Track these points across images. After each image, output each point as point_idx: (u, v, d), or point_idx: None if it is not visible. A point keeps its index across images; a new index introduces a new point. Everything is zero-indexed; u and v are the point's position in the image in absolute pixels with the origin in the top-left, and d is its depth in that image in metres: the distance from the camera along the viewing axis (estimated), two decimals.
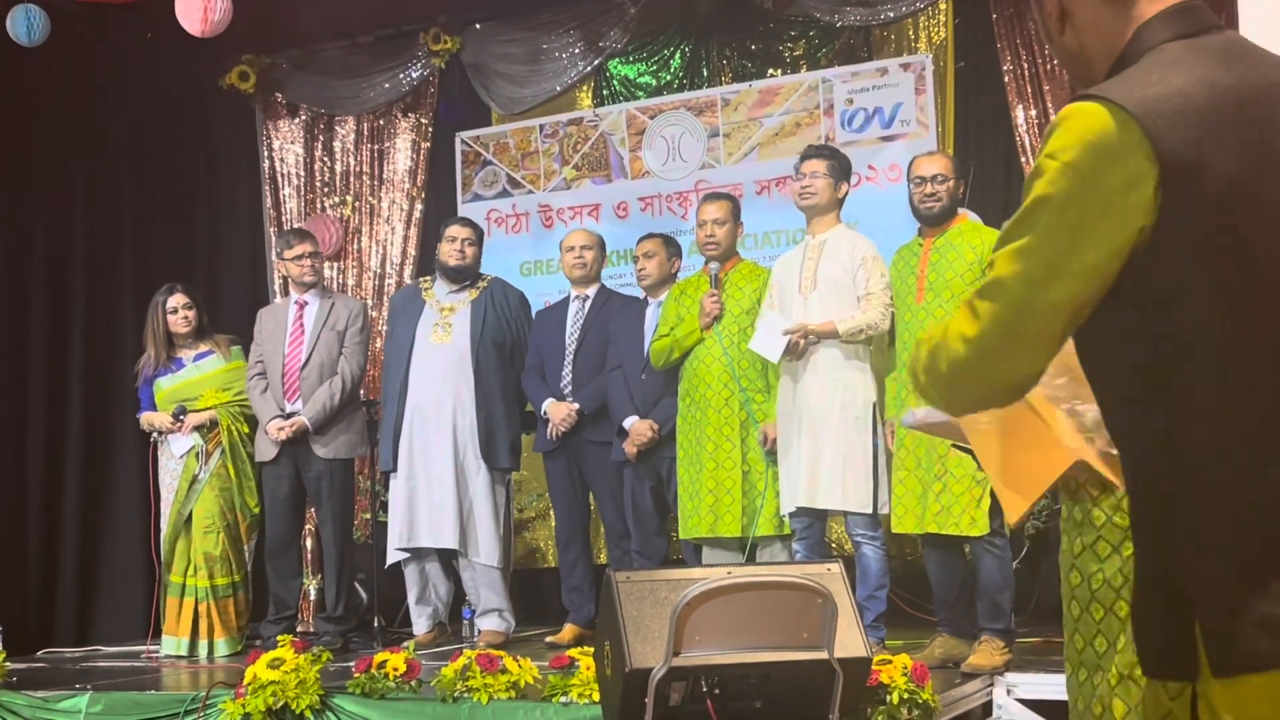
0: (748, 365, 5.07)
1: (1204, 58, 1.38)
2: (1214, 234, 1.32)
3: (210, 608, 5.83)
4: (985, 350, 1.40)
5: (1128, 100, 1.33)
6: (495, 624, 5.66)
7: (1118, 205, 1.32)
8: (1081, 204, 1.33)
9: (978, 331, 1.40)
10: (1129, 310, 1.37)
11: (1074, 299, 1.35)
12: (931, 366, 1.46)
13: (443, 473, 5.59)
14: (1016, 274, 1.37)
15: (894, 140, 6.50)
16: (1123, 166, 1.32)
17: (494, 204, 7.46)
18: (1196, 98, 1.33)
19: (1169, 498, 1.38)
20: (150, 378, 6.02)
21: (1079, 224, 1.33)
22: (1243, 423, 1.34)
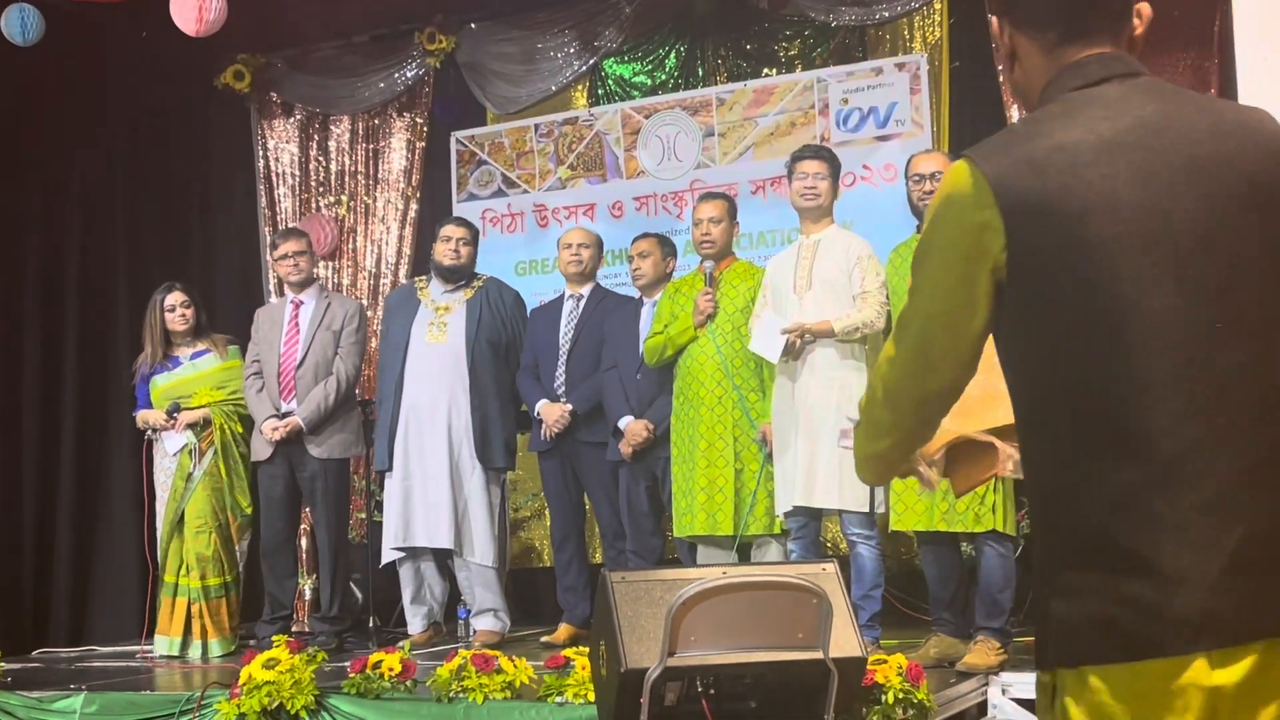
0: (741, 364, 5.06)
1: (1089, 110, 1.56)
2: (1055, 274, 1.51)
3: (203, 608, 5.82)
4: (905, 371, 1.66)
5: (984, 156, 1.56)
6: (490, 624, 5.65)
7: (971, 247, 1.55)
8: (945, 247, 1.58)
9: (897, 355, 1.67)
10: (1006, 336, 1.59)
11: (960, 328, 1.59)
12: (871, 394, 1.73)
13: (438, 472, 5.59)
14: (913, 309, 1.64)
15: (889, 140, 6.50)
16: (972, 215, 1.54)
17: (489, 203, 7.45)
18: (1058, 153, 1.52)
19: (1034, 501, 1.59)
20: (147, 375, 6.02)
21: (946, 265, 1.58)
22: (1080, 433, 1.51)
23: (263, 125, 7.80)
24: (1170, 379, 1.48)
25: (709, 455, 5.03)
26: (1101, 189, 1.50)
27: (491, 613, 5.67)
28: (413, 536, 5.62)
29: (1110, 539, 1.49)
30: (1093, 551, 1.50)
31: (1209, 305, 1.49)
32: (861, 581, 4.71)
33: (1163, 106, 1.56)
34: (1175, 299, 1.49)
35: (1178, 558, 1.46)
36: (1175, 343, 1.48)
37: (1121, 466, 1.48)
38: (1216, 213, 1.50)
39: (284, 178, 7.74)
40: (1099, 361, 1.50)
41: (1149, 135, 1.53)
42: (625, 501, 5.48)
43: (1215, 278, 1.49)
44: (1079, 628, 1.50)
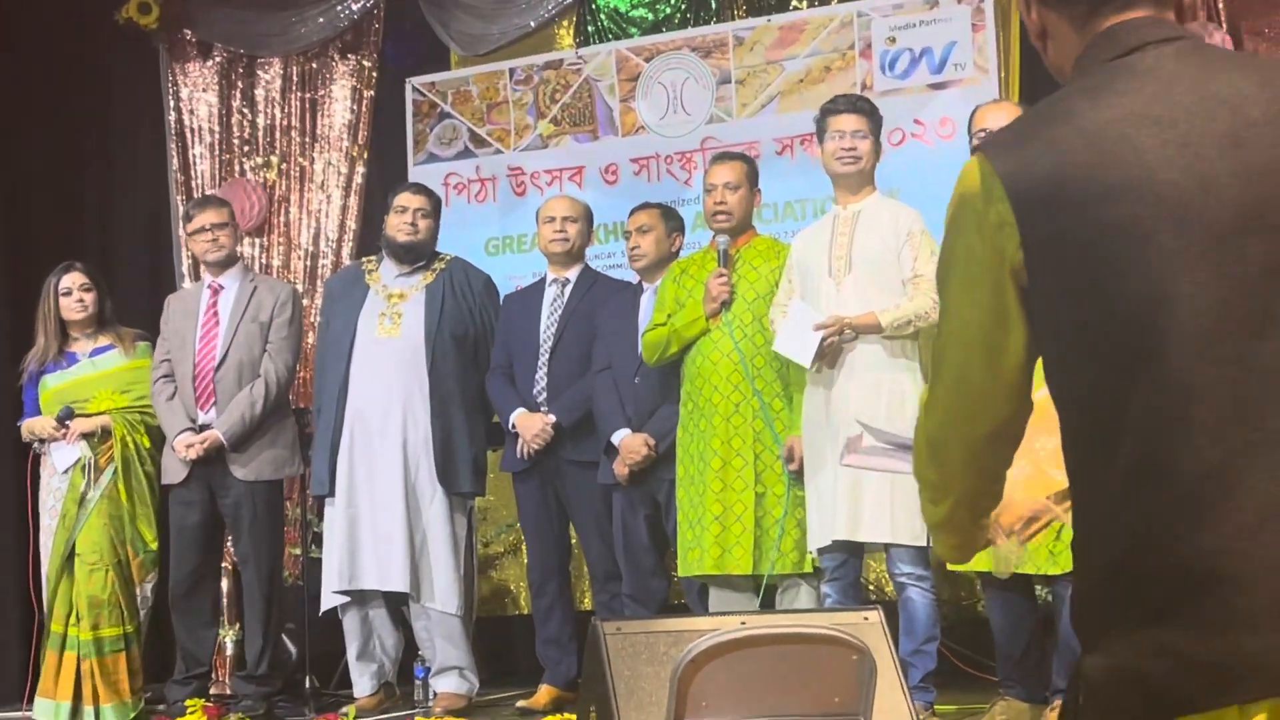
0: (764, 363, 5.07)
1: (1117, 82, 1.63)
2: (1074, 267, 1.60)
3: (94, 666, 5.80)
4: (947, 415, 1.76)
5: (996, 146, 1.67)
6: (454, 685, 5.67)
7: (990, 252, 1.65)
8: (965, 258, 1.68)
9: (933, 397, 1.77)
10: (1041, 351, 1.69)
11: (997, 350, 1.69)
12: (916, 453, 1.84)
13: (390, 499, 5.60)
14: (943, 339, 1.74)
15: (946, 88, 6.51)
16: (986, 215, 1.64)
17: (453, 166, 7.46)
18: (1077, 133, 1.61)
19: (1074, 541, 1.69)
20: (36, 374, 6.02)
21: (968, 278, 1.68)
22: (1110, 453, 1.58)
23: (174, 70, 7.80)
24: (1208, 379, 1.52)
25: (724, 476, 5.04)
26: (1126, 166, 1.56)
27: (456, 671, 5.68)
28: (359, 578, 5.62)
29: (1142, 577, 1.54)
30: (1124, 594, 1.55)
31: (1257, 290, 1.53)
32: (913, 633, 4.72)
33: (1204, 72, 1.61)
34: (1215, 285, 1.53)
35: (1214, 593, 1.49)
36: (1213, 336, 1.52)
37: (1154, 489, 1.53)
38: (1266, 187, 1.54)
39: (200, 134, 7.74)
40: (1125, 362, 1.56)
41: (1185, 103, 1.58)
42: (620, 534, 5.49)
43: (1263, 259, 1.53)
44: (1105, 686, 1.55)
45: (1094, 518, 1.62)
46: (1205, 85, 1.60)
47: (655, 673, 3.18)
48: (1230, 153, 1.55)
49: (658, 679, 3.17)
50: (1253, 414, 1.52)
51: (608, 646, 3.23)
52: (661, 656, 3.21)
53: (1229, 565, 1.49)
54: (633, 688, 3.18)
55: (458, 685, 5.67)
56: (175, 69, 7.80)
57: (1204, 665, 1.49)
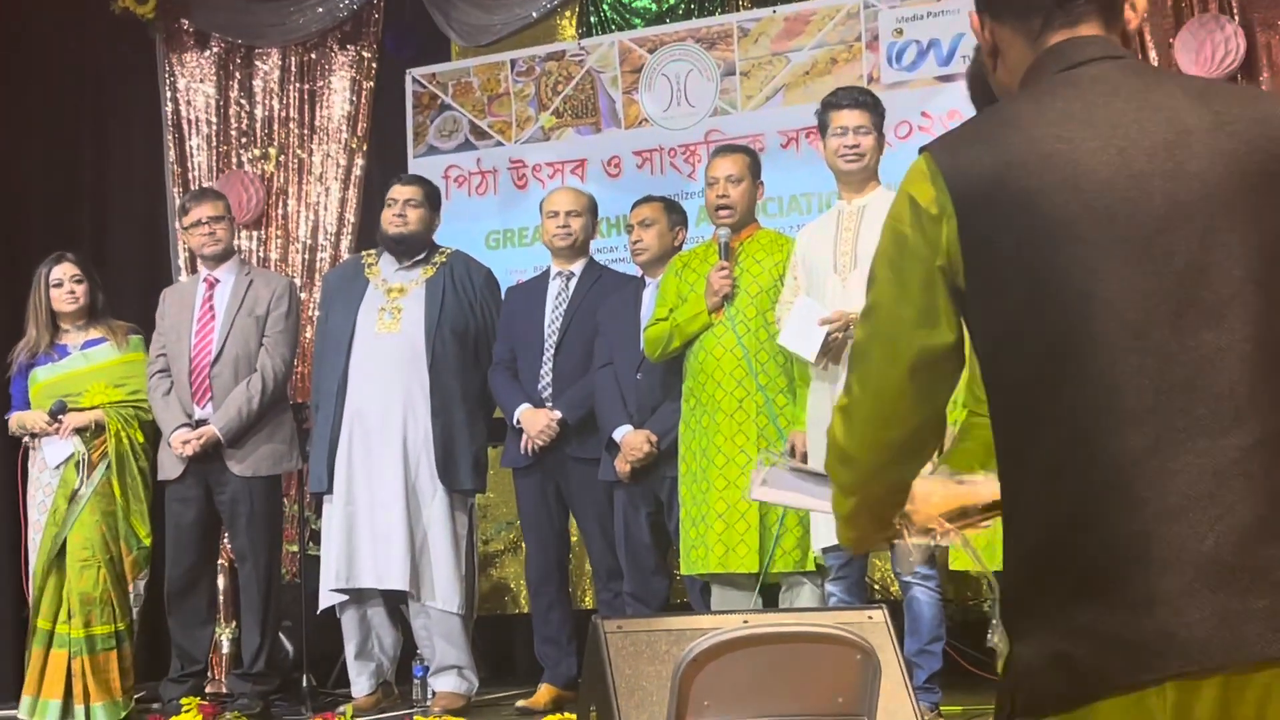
0: (767, 358, 5.07)
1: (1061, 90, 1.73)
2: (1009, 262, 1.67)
3: (86, 664, 5.79)
4: (862, 414, 1.82)
5: (941, 146, 1.75)
6: (453, 684, 5.67)
7: (924, 247, 1.72)
8: (897, 252, 1.75)
9: (852, 395, 1.82)
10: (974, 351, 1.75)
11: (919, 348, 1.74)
12: (830, 446, 1.88)
13: (389, 496, 5.60)
14: (865, 335, 1.80)
15: (953, 81, 6.49)
16: (925, 210, 1.71)
17: (454, 158, 7.46)
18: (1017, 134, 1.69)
19: (1004, 533, 1.75)
20: (26, 367, 6.02)
21: (897, 272, 1.74)
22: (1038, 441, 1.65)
23: (171, 59, 7.80)
24: (1132, 369, 1.60)
25: (727, 474, 5.04)
26: (1063, 167, 1.65)
27: (455, 670, 5.68)
28: (358, 576, 5.63)
29: (1067, 559, 1.61)
30: (1049, 577, 1.63)
31: (1181, 284, 1.61)
32: (918, 633, 4.72)
33: (1145, 85, 1.71)
34: (1141, 280, 1.62)
35: (1136, 574, 1.57)
36: (1139, 329, 1.61)
37: (1081, 474, 1.61)
38: (1196, 188, 1.63)
39: (197, 125, 7.74)
40: (1055, 354, 1.64)
41: (1125, 110, 1.68)
42: (622, 532, 5.49)
43: (1189, 254, 1.62)
44: (1037, 671, 1.62)
45: (1021, 505, 1.69)
46: (1145, 96, 1.69)
47: (656, 671, 3.19)
48: (1164, 156, 1.65)
49: (659, 678, 3.17)
50: (1178, 403, 1.59)
51: (608, 645, 3.24)
52: (663, 655, 3.21)
53: (1152, 548, 1.57)
54: (634, 686, 3.18)
55: (456, 684, 5.67)
56: (172, 59, 7.80)
57: (1125, 644, 1.56)
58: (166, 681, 5.98)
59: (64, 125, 7.79)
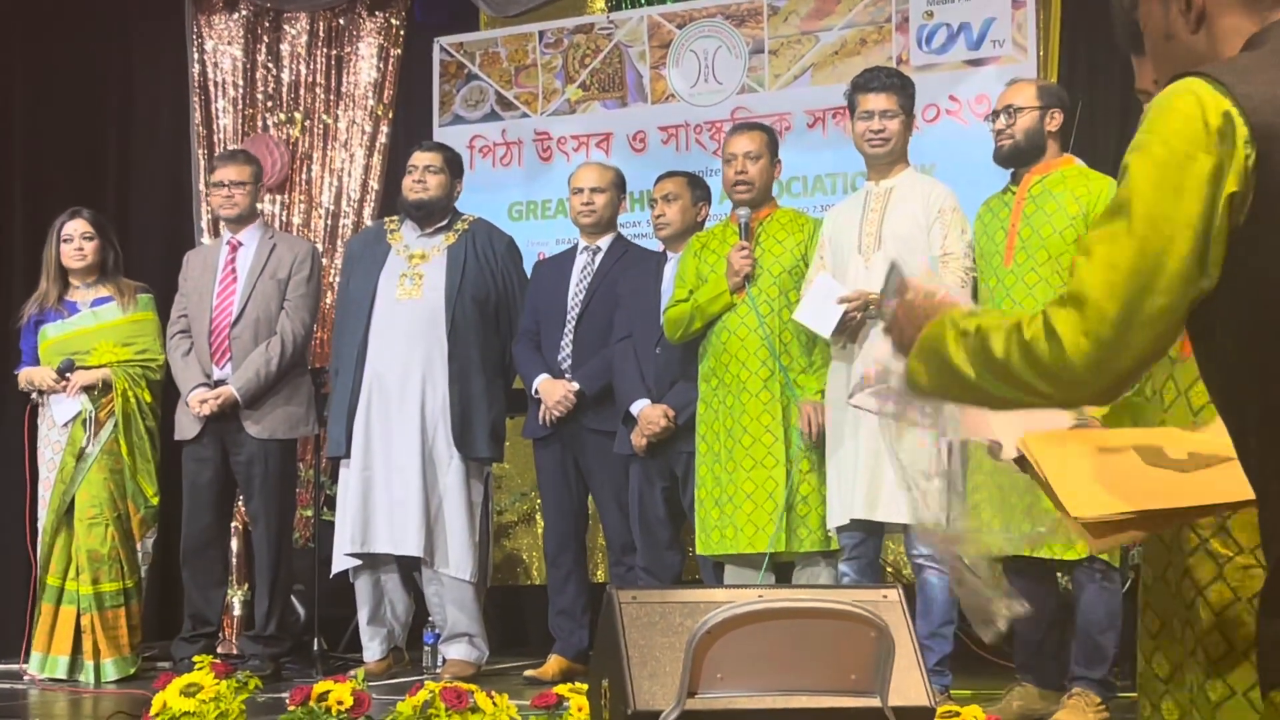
0: (790, 338, 5.06)
1: None
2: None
3: (95, 620, 5.83)
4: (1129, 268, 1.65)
5: (1223, 73, 1.65)
6: (464, 652, 5.69)
7: (1208, 175, 1.62)
8: (1176, 173, 1.64)
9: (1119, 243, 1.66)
10: (1235, 295, 1.65)
11: (1180, 270, 1.64)
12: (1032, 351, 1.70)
13: (406, 462, 5.61)
14: (1126, 245, 1.66)
15: (983, 65, 6.48)
16: (1226, 132, 1.62)
17: (479, 129, 7.46)
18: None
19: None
20: (37, 321, 6.03)
21: (1176, 189, 1.63)
22: None
23: (199, 21, 7.80)
24: None
25: (754, 454, 5.03)
26: None
27: (466, 638, 5.70)
28: (372, 541, 5.64)
29: None
30: None
31: None
32: (930, 616, 4.72)
33: None
34: None
35: None
36: None
37: None
38: None
39: (224, 88, 7.75)
40: None
41: None
42: (636, 506, 5.50)
43: None
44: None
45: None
46: None
47: (670, 643, 3.18)
48: None
49: (672, 649, 3.17)
50: None
51: (623, 615, 3.23)
52: (677, 627, 3.21)
53: None
54: (646, 657, 3.18)
55: (467, 653, 5.69)
56: (200, 21, 7.80)
57: None
58: (178, 640, 6.00)
59: (91, 84, 7.79)
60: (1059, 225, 4.58)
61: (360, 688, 4.22)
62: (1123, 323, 1.65)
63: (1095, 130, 6.09)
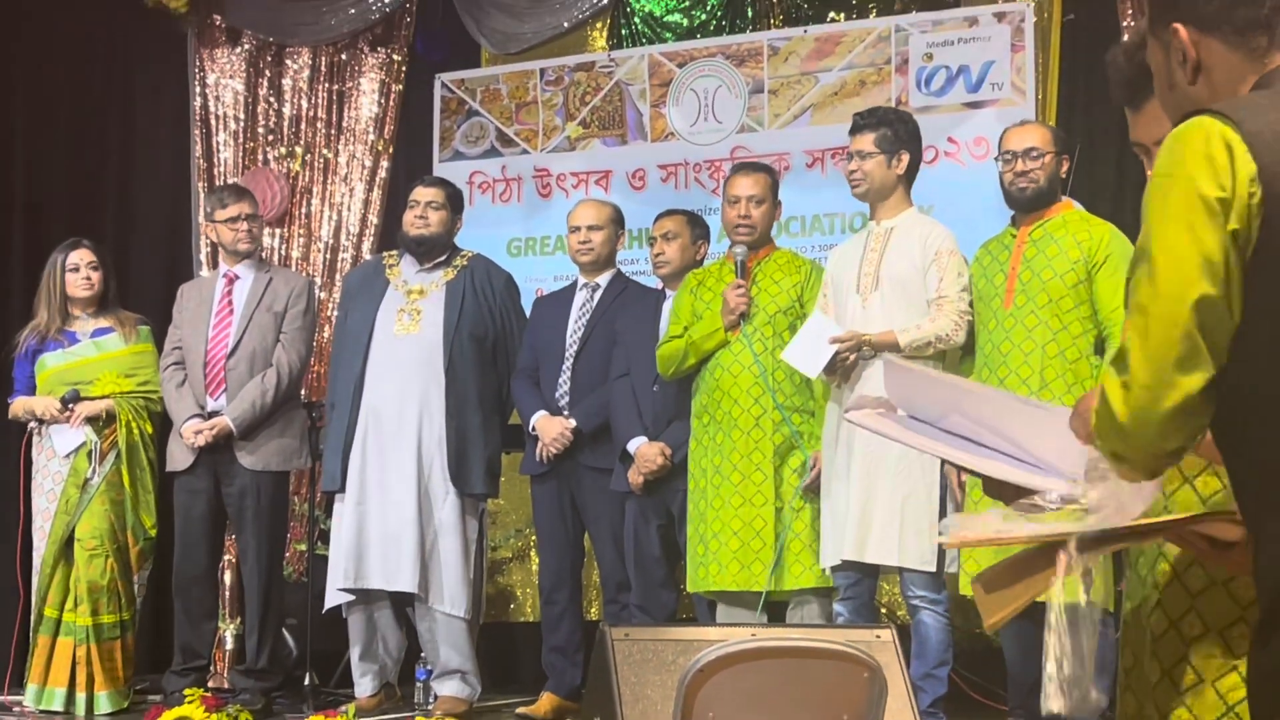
0: (783, 377, 5.08)
1: None
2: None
3: (91, 652, 5.81)
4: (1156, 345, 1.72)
5: (1234, 111, 1.71)
6: (456, 689, 5.67)
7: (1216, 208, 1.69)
8: (1188, 207, 1.70)
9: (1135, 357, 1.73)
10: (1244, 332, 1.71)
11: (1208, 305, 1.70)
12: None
13: (402, 497, 5.60)
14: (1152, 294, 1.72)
15: (982, 107, 6.52)
16: (1231, 166, 1.68)
17: (479, 165, 7.49)
18: None
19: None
20: (34, 351, 6.02)
21: (1189, 227, 1.70)
22: None
23: (202, 55, 7.83)
24: None
25: (744, 491, 5.04)
26: None
27: (458, 675, 5.68)
28: (366, 576, 5.63)
29: None
30: None
31: None
32: (924, 657, 4.72)
33: None
34: None
35: None
36: None
37: None
38: None
39: (225, 121, 7.78)
40: None
41: None
42: (631, 544, 5.49)
43: None
44: None
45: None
46: None
47: (662, 681, 3.19)
48: None
49: (664, 688, 3.18)
50: None
51: (615, 652, 3.25)
52: (669, 665, 3.22)
53: None
54: (638, 695, 3.19)
55: (459, 689, 5.67)
56: (203, 54, 7.83)
57: None
58: (169, 673, 5.98)
59: (91, 115, 7.82)
60: (1060, 269, 4.60)
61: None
62: (1157, 369, 1.71)
63: (1093, 174, 6.13)
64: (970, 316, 4.79)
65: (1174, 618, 2.09)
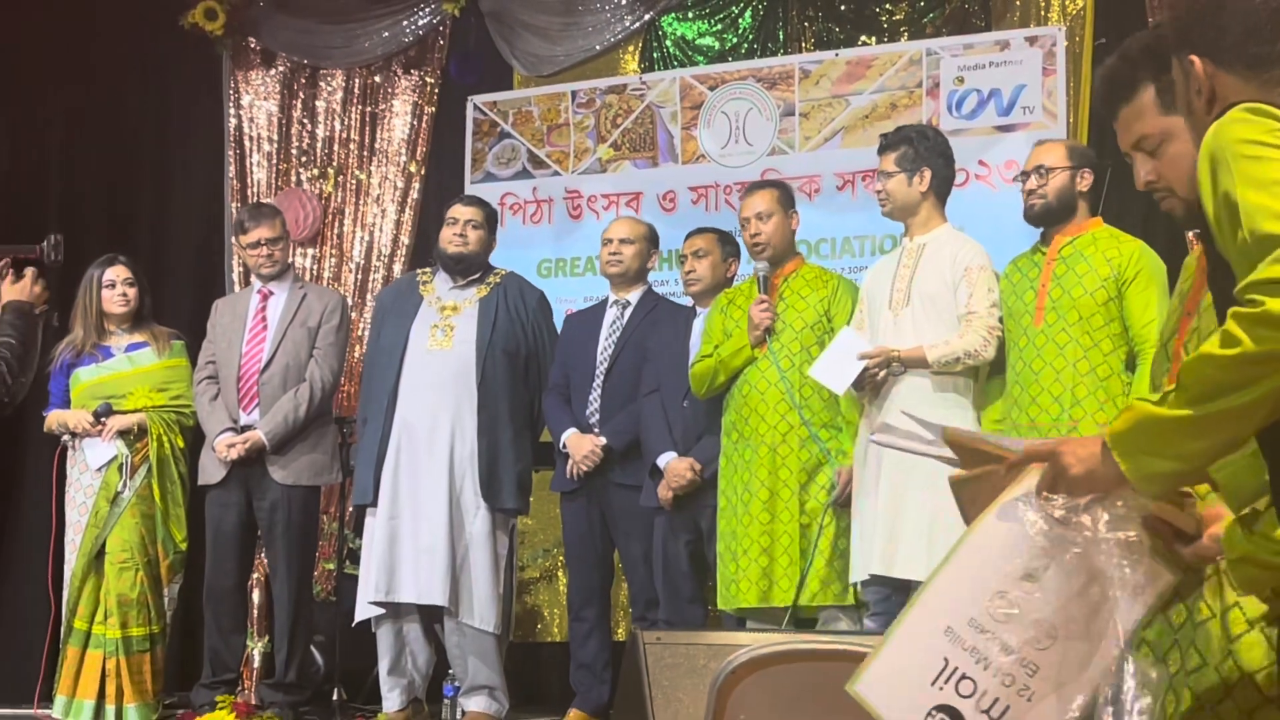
0: (811, 393, 5.10)
1: None
2: None
3: (121, 665, 5.85)
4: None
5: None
6: (484, 704, 5.69)
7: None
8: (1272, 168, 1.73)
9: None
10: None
11: None
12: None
13: (434, 511, 5.63)
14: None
15: (1013, 130, 6.54)
16: None
17: (510, 186, 7.54)
18: None
19: None
20: (69, 365, 6.08)
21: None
22: None
23: (237, 77, 7.93)
24: None
25: (771, 508, 5.07)
26: None
27: (486, 691, 5.70)
28: (398, 589, 5.64)
29: None
30: None
31: None
32: None
33: None
34: None
35: None
36: None
37: None
38: None
39: (259, 142, 7.87)
40: None
41: None
42: (660, 559, 5.51)
43: None
44: None
45: None
46: None
47: (694, 684, 3.22)
48: None
49: (695, 691, 3.20)
50: None
51: (647, 656, 3.27)
52: (701, 669, 3.24)
53: None
54: (670, 698, 3.22)
55: (487, 705, 5.69)
56: (238, 76, 7.93)
57: None
58: (198, 687, 6.03)
59: (128, 134, 7.92)
60: (1090, 286, 4.62)
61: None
62: None
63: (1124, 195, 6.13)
64: (1000, 332, 4.81)
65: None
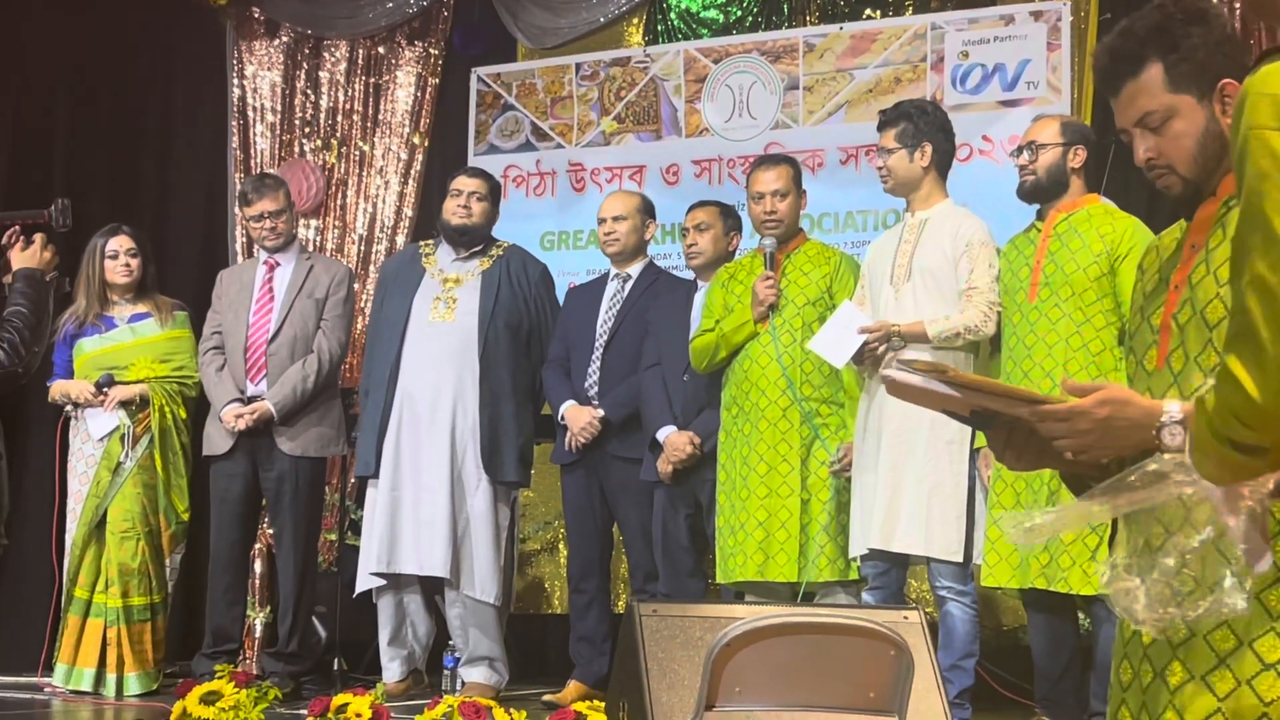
0: (811, 369, 5.11)
1: None
2: None
3: (122, 633, 5.89)
4: None
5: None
6: (484, 675, 5.72)
7: None
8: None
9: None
10: None
11: None
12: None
13: (435, 483, 5.64)
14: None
15: (1017, 105, 6.54)
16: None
17: (513, 158, 7.55)
18: None
19: None
20: (72, 335, 6.10)
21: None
22: None
23: (240, 47, 7.93)
24: None
25: (769, 482, 5.08)
26: None
27: (486, 662, 5.73)
28: (399, 561, 5.67)
29: None
30: None
31: None
32: (951, 648, 4.75)
33: None
34: None
35: None
36: None
37: None
38: None
39: (262, 113, 7.86)
40: None
41: None
42: (660, 532, 5.54)
43: None
44: None
45: None
46: None
47: (689, 656, 3.23)
48: None
49: (691, 662, 3.21)
50: None
51: (643, 628, 3.28)
52: (696, 641, 3.25)
53: None
54: (665, 669, 3.23)
55: (487, 676, 5.71)
56: (241, 46, 7.93)
57: None
58: (199, 656, 6.05)
59: (132, 104, 7.92)
60: (1083, 262, 4.62)
61: (379, 701, 4.26)
62: None
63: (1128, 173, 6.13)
64: (999, 308, 4.81)
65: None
